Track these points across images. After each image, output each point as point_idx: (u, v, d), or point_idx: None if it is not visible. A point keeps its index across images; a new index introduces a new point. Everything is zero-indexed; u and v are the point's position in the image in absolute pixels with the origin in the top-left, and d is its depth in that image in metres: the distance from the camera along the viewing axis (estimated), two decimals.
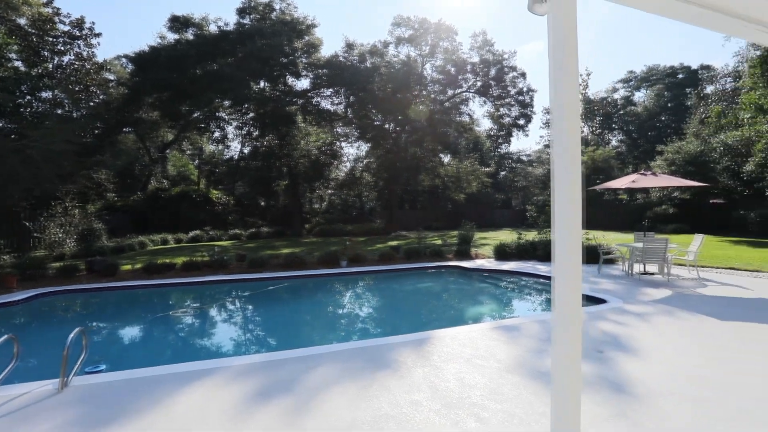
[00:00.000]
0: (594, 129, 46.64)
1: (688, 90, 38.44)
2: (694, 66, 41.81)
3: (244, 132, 27.28)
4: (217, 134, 25.08)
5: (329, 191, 36.26)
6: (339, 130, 30.20)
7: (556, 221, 2.11)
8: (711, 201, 23.13)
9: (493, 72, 28.57)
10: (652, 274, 9.61)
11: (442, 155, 31.70)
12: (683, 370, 4.10)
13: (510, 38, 60.76)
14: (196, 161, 37.00)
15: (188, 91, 20.31)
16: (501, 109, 30.44)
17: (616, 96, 47.01)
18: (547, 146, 49.27)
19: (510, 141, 39.30)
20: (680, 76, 42.20)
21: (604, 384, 3.79)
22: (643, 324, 5.73)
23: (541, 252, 12.58)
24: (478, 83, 29.31)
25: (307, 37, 24.70)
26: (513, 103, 29.52)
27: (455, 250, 14.11)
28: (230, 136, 28.94)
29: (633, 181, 9.24)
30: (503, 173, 43.48)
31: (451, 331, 5.50)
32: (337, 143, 30.54)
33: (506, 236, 15.95)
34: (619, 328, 5.57)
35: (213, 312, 8.41)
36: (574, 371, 1.88)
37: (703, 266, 10.63)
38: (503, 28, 60.02)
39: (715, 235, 19.80)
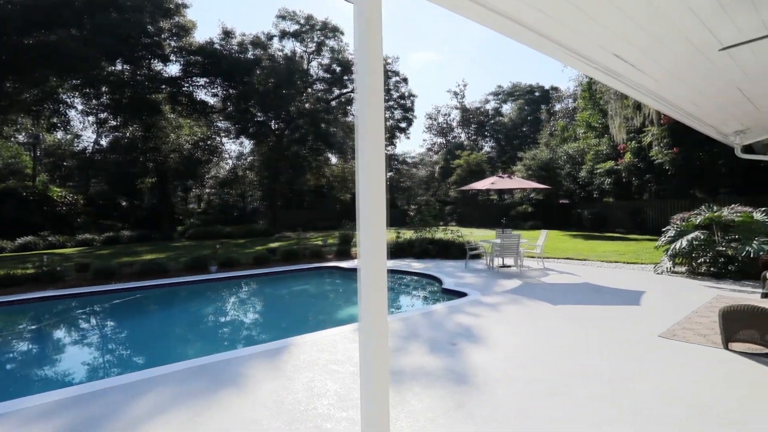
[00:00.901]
0: (470, 135, 51.31)
1: (542, 106, 44.73)
2: (547, 86, 48.86)
3: (96, 120, 23.31)
4: (56, 120, 20.93)
5: (208, 190, 33.30)
6: (220, 124, 27.90)
7: (361, 220, 1.92)
8: (559, 201, 27.14)
9: None
10: (509, 266, 10.72)
11: (330, 155, 31.54)
12: (521, 355, 4.50)
13: (396, 46, 63.57)
14: (38, 153, 30.57)
15: (10, 63, 16.52)
16: (385, 112, 31.48)
17: (488, 107, 52.44)
18: (430, 149, 52.62)
19: (395, 143, 40.96)
20: (536, 93, 48.85)
21: (450, 377, 3.93)
22: (494, 314, 6.24)
23: (418, 249, 13.18)
24: None
25: (177, 18, 22.21)
26: (396, 106, 30.74)
27: (336, 251, 13.99)
28: (78, 123, 24.50)
29: (492, 183, 10.19)
30: (390, 174, 45.16)
31: (313, 337, 5.26)
32: (218, 138, 28.17)
33: (390, 235, 16.44)
34: (473, 319, 5.96)
35: (20, 339, 6.73)
36: (382, 371, 1.73)
37: (548, 257, 12.25)
38: (389, 35, 62.47)
39: (561, 230, 23.21)
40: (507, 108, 51.68)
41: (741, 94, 5.25)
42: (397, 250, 13.54)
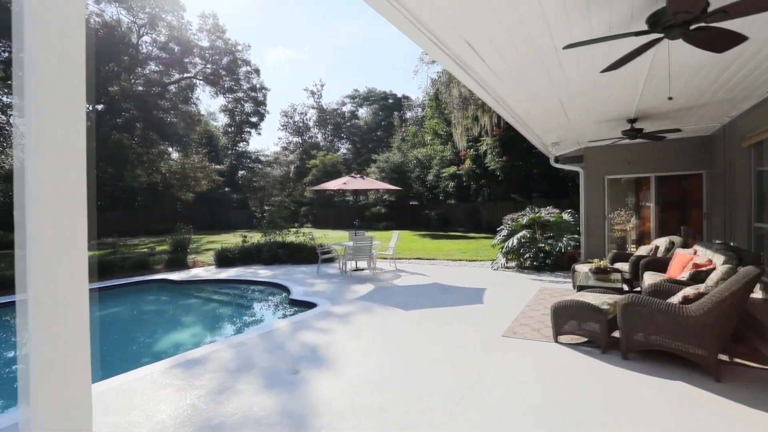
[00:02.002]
0: (327, 136, 51.18)
1: (395, 112, 47.38)
2: (399, 94, 52.06)
3: None
4: None
5: None
6: (5, 99, 21.23)
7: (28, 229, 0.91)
8: (410, 203, 28.80)
9: (224, 61, 26.55)
10: (363, 269, 10.40)
11: (171, 148, 27.26)
12: (372, 376, 3.92)
13: (250, 37, 59.52)
14: None
15: None
16: (234, 104, 28.75)
17: (345, 109, 53.16)
18: (285, 148, 50.64)
19: (248, 140, 38.09)
20: (390, 100, 51.57)
21: (287, 423, 3.08)
22: (344, 327, 5.62)
23: (267, 255, 11.92)
24: (208, 70, 26.63)
25: None
26: (246, 98, 28.36)
27: (168, 259, 11.72)
28: None
29: (344, 183, 9.71)
30: (242, 172, 41.79)
31: (104, 385, 3.78)
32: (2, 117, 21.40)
33: (235, 239, 14.59)
34: (321, 336, 5.22)
35: None
36: None
37: (400, 258, 12.43)
38: (244, 25, 58.22)
39: (411, 230, 24.56)
40: (363, 112, 53.26)
41: (561, 107, 5.73)
42: (243, 256, 12.03)
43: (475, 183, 23.02)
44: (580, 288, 5.62)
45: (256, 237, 13.32)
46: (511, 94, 4.90)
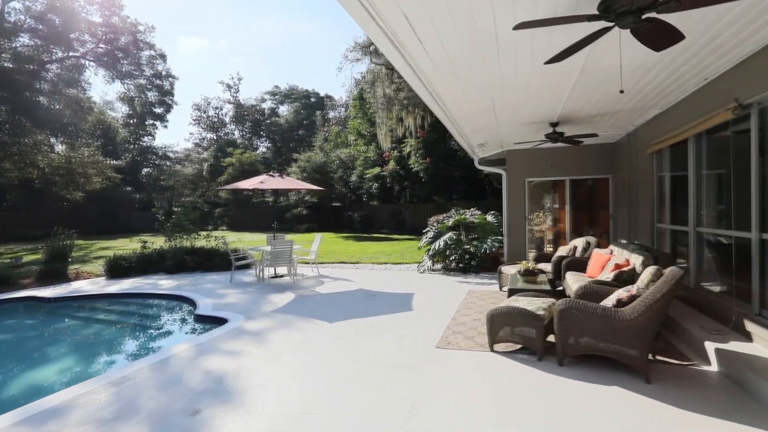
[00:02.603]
0: (244, 133, 48.26)
1: (317, 112, 46.19)
2: (322, 93, 50.94)
3: None
4: None
5: None
6: None
7: None
8: (332, 204, 28.05)
9: (122, 41, 23.39)
10: (282, 276, 9.53)
11: (53, 139, 23.27)
12: (291, 410, 3.25)
13: (161, 22, 53.92)
14: None
15: None
16: (135, 92, 25.51)
17: (265, 106, 50.60)
18: (198, 144, 46.74)
19: (154, 133, 34.22)
20: (312, 99, 50.23)
21: None
22: (260, 347, 4.83)
23: (171, 262, 10.44)
24: (100, 50, 23.25)
25: None
26: (150, 86, 25.35)
27: (41, 271, 9.69)
28: None
29: (261, 182, 8.79)
30: (147, 170, 37.49)
31: None
32: None
33: (133, 245, 12.64)
34: (231, 361, 4.39)
35: None
36: None
37: (323, 262, 11.73)
38: (147, 4, 52.61)
39: (334, 232, 23.87)
40: (284, 109, 51.22)
41: (492, 105, 5.56)
42: (142, 265, 10.40)
43: (398, 184, 23.07)
44: (512, 291, 5.50)
45: (159, 242, 11.66)
46: (446, 88, 4.58)
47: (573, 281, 5.92)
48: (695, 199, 5.38)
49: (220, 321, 5.97)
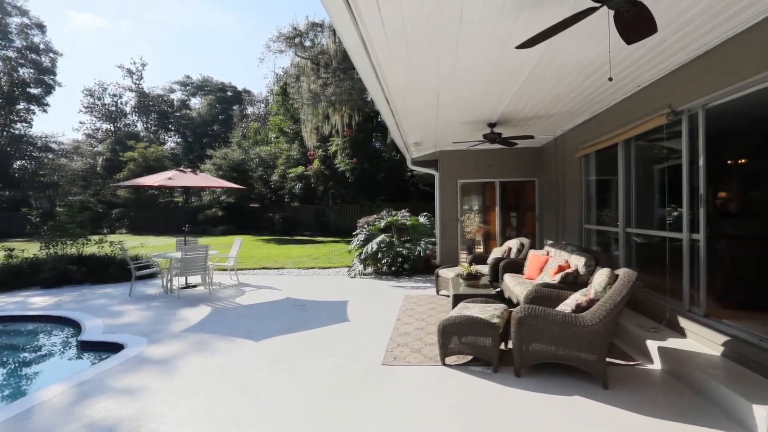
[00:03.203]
0: (149, 126, 43.45)
1: (234, 106, 43.24)
2: (240, 87, 47.86)
3: None
4: None
5: None
6: None
7: None
8: (251, 205, 26.24)
9: None
10: (195, 286, 8.31)
11: None
12: None
13: None
14: None
15: None
16: (1, 65, 21.22)
17: (174, 96, 46.08)
18: (91, 136, 41.01)
19: (30, 120, 28.90)
20: (229, 93, 46.96)
21: None
22: (167, 381, 3.89)
23: (49, 274, 8.57)
24: None
25: None
26: (22, 60, 21.30)
27: None
28: None
29: (170, 178, 7.53)
30: (20, 163, 31.68)
31: None
32: None
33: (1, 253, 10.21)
34: (126, 404, 3.42)
35: None
36: None
37: (243, 269, 10.61)
38: None
39: (254, 234, 22.28)
40: (196, 102, 47.21)
41: (436, 100, 5.22)
42: (7, 279, 8.39)
43: (323, 185, 22.26)
44: (457, 297, 5.20)
45: (34, 249, 9.56)
46: (394, 72, 4.11)
47: (514, 283, 5.83)
48: (625, 200, 5.60)
49: (114, 347, 4.82)
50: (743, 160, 6.61)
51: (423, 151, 9.41)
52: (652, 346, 4.06)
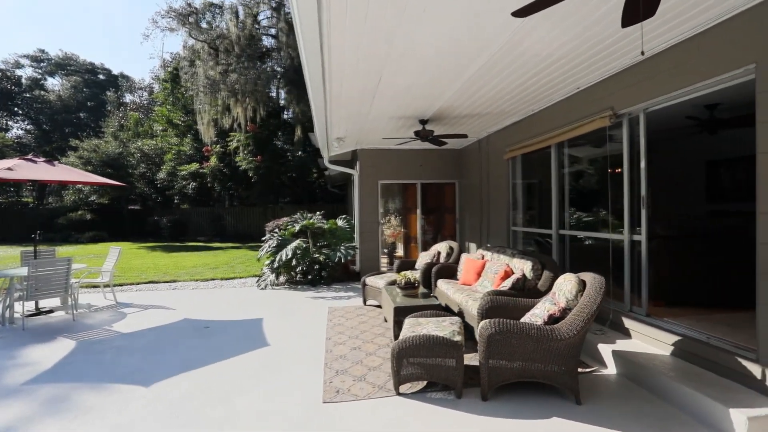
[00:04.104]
0: None
1: (108, 92, 37.16)
2: (116, 71, 41.39)
3: None
4: None
5: None
6: None
7: None
8: (130, 207, 22.55)
9: None
10: (51, 311, 6.37)
11: None
12: None
13: None
14: None
15: None
16: None
17: (22, 73, 37.84)
18: None
19: None
20: (101, 76, 40.24)
21: None
22: None
23: None
24: None
25: None
26: None
27: None
28: None
29: (9, 169, 5.56)
30: None
31: None
32: None
33: None
34: None
35: None
36: None
37: (122, 284, 8.67)
38: None
39: (134, 241, 19.07)
40: (55, 83, 39.52)
41: (375, 85, 4.57)
42: None
43: (221, 185, 20.02)
44: (400, 311, 4.60)
45: None
46: (342, 43, 3.34)
47: (453, 290, 5.44)
48: (558, 202, 5.61)
49: None
50: (674, 162, 7.35)
51: (344, 148, 8.69)
52: (605, 350, 3.95)
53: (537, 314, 3.39)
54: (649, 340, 3.93)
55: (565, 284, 3.43)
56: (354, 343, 4.78)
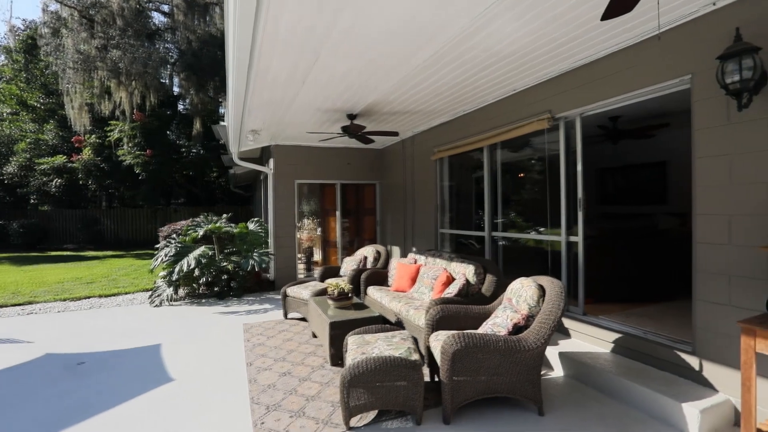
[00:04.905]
0: None
1: None
2: None
3: None
4: None
5: None
6: None
7: None
8: None
9: None
10: None
11: None
12: None
13: None
14: None
15: None
16: None
17: None
18: None
19: None
20: None
21: None
22: None
23: None
24: None
25: None
26: None
27: None
28: None
29: None
30: None
31: None
32: None
33: None
34: None
35: None
36: None
37: None
38: None
39: None
40: None
41: (309, 67, 3.98)
42: None
43: (97, 182, 16.91)
44: (336, 326, 4.05)
45: None
46: (284, 2, 2.69)
47: (388, 299, 5.05)
48: (491, 204, 5.58)
49: None
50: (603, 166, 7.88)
51: (258, 143, 7.76)
52: (550, 351, 3.91)
53: (499, 324, 3.15)
54: (590, 339, 3.99)
55: (524, 290, 3.25)
56: (282, 367, 4.08)
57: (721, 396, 2.88)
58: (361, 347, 3.25)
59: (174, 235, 8.21)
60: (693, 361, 3.12)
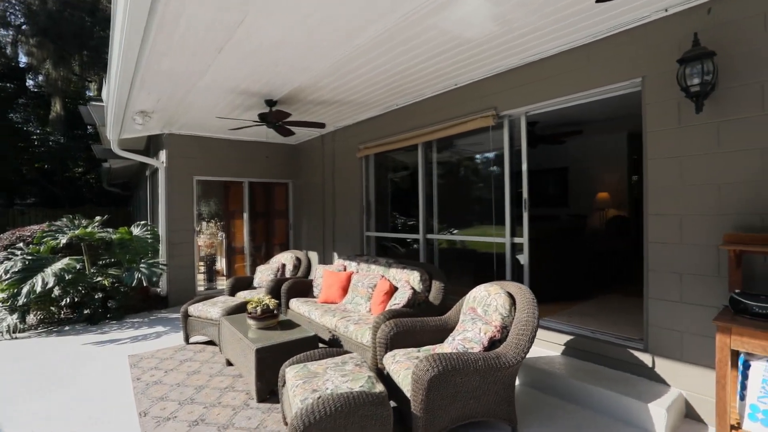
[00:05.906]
0: None
1: None
2: None
3: None
4: None
5: None
6: None
7: None
8: None
9: None
10: None
11: None
12: None
13: None
14: None
15: None
16: None
17: None
18: None
19: None
20: None
21: None
22: None
23: None
24: None
25: None
26: None
27: None
28: None
29: None
30: None
31: None
32: None
33: None
34: None
35: None
36: None
37: None
38: None
39: None
40: None
41: (234, 26, 3.20)
42: None
43: None
44: (264, 353, 3.28)
45: None
46: None
47: (318, 313, 4.40)
48: (426, 205, 5.27)
49: None
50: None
51: (147, 129, 6.36)
52: None
53: (471, 338, 2.77)
54: (539, 342, 3.88)
55: (493, 298, 2.93)
56: (191, 413, 3.17)
57: (674, 391, 2.92)
58: (308, 382, 2.58)
59: (21, 244, 6.34)
60: (646, 358, 3.14)
